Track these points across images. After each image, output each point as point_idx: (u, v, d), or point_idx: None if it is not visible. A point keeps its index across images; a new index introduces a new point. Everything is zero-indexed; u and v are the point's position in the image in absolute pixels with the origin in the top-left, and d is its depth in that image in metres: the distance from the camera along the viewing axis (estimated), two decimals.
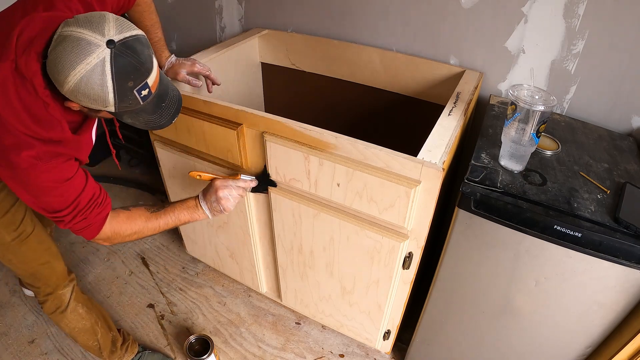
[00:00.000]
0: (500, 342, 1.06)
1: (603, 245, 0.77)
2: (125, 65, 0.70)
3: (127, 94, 0.72)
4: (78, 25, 0.68)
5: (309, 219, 1.14)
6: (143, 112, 0.79)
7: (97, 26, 0.69)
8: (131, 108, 0.76)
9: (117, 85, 0.70)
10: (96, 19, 0.70)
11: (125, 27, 0.71)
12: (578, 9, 1.09)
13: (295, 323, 1.55)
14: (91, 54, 0.67)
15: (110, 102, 0.71)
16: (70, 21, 0.69)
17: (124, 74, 0.70)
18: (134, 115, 0.79)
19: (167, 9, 1.91)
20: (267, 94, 1.80)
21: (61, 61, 0.67)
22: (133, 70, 0.71)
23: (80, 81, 0.68)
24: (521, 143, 0.88)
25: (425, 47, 1.37)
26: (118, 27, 0.70)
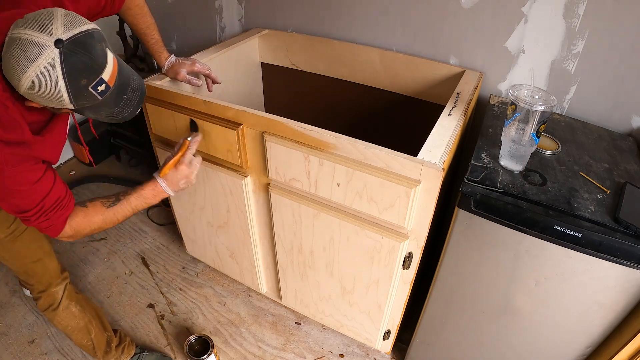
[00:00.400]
0: (500, 342, 1.06)
1: (603, 245, 0.77)
2: (76, 63, 0.69)
3: (81, 92, 0.71)
4: (26, 27, 0.67)
5: (309, 219, 1.14)
6: (104, 106, 0.78)
7: (44, 25, 0.68)
8: (89, 104, 0.75)
9: (70, 84, 0.69)
10: (44, 18, 0.68)
11: (74, 23, 0.70)
12: (578, 9, 1.09)
13: (295, 323, 1.55)
14: (39, 56, 0.66)
15: (66, 101, 0.71)
16: (19, 22, 0.69)
17: (76, 72, 0.69)
18: (95, 109, 0.78)
19: (167, 9, 1.91)
20: (267, 94, 1.80)
21: (13, 65, 0.67)
22: (85, 67, 0.70)
23: (32, 84, 0.68)
24: (521, 143, 0.88)
25: (425, 47, 1.37)
26: (67, 25, 0.69)
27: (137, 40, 1.88)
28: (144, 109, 1.27)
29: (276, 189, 1.15)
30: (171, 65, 1.25)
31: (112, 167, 2.34)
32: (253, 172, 1.19)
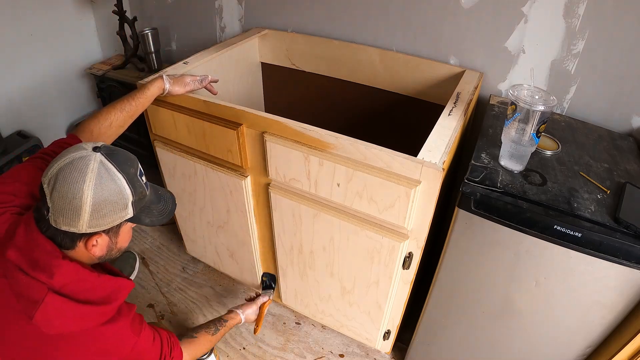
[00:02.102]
0: (501, 342, 1.06)
1: (603, 245, 0.77)
2: (119, 156, 0.75)
3: (134, 181, 0.76)
4: (59, 158, 0.73)
5: (309, 219, 1.14)
6: (151, 203, 0.83)
7: (75, 149, 0.74)
8: (142, 201, 0.79)
9: (124, 174, 0.74)
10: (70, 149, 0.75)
11: (95, 143, 0.77)
12: (578, 9, 1.09)
13: (295, 323, 1.55)
14: (89, 163, 0.71)
15: (129, 197, 0.75)
16: (48, 166, 0.73)
17: (123, 163, 0.75)
18: (148, 211, 0.82)
19: (167, 8, 1.91)
20: (267, 94, 1.80)
21: (67, 189, 0.69)
22: (127, 158, 0.77)
23: (95, 190, 0.70)
24: (521, 143, 0.88)
25: (425, 47, 1.37)
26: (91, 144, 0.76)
27: (138, 40, 1.88)
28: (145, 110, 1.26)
29: (276, 189, 1.15)
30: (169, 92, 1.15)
31: None
32: (253, 172, 1.19)
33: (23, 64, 1.94)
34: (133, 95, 1.09)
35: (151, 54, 1.86)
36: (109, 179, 0.72)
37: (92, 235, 0.75)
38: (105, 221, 0.74)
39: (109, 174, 0.72)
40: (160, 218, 0.85)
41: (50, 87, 2.10)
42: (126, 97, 1.08)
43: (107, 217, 0.73)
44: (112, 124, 1.04)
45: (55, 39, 2.03)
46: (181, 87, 1.15)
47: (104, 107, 1.06)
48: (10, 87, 1.92)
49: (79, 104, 2.29)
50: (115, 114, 1.05)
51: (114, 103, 1.07)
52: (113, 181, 0.73)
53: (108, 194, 0.72)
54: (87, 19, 2.16)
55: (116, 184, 0.73)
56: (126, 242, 0.85)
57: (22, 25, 1.88)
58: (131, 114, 1.08)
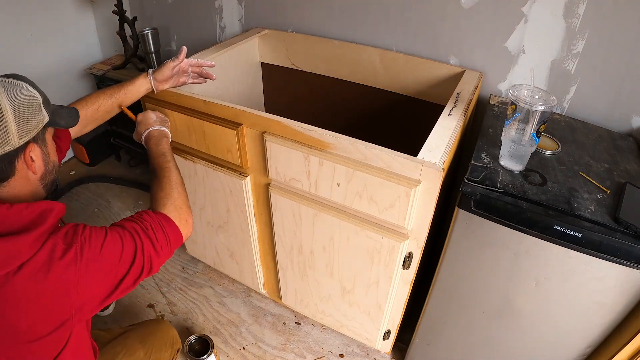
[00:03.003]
0: (500, 342, 1.06)
1: (603, 245, 0.77)
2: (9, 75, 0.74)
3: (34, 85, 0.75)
4: None
5: (309, 219, 1.14)
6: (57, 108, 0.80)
7: None
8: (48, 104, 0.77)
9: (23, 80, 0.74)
10: None
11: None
12: (578, 9, 1.09)
13: (295, 323, 1.55)
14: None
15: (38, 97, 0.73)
16: None
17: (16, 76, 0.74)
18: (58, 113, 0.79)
19: (167, 8, 1.91)
20: (267, 94, 1.80)
21: None
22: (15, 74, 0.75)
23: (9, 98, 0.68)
24: (521, 143, 0.88)
25: (425, 47, 1.37)
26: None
27: (138, 40, 1.89)
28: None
29: (276, 189, 1.15)
30: (156, 83, 1.12)
31: (112, 167, 2.34)
32: (253, 172, 1.19)
33: (23, 64, 1.94)
34: (123, 83, 1.10)
35: (151, 54, 1.86)
36: (14, 86, 0.71)
37: (26, 149, 0.71)
38: (30, 126, 0.71)
39: (11, 83, 0.71)
40: (70, 120, 0.82)
41: (50, 87, 2.07)
42: (117, 84, 1.09)
43: (31, 122, 0.71)
44: (100, 108, 1.04)
45: (55, 39, 2.03)
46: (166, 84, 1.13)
47: (93, 92, 1.06)
48: None
49: None
50: (104, 98, 1.05)
51: (104, 89, 1.07)
52: (18, 87, 0.72)
53: (21, 97, 0.70)
54: (87, 19, 2.16)
55: (22, 87, 0.72)
56: (55, 154, 0.81)
57: (22, 25, 1.88)
58: (119, 102, 1.08)
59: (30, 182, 0.75)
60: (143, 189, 2.17)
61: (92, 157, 2.31)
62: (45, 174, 0.78)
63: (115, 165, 2.37)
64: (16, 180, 0.72)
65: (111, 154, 2.40)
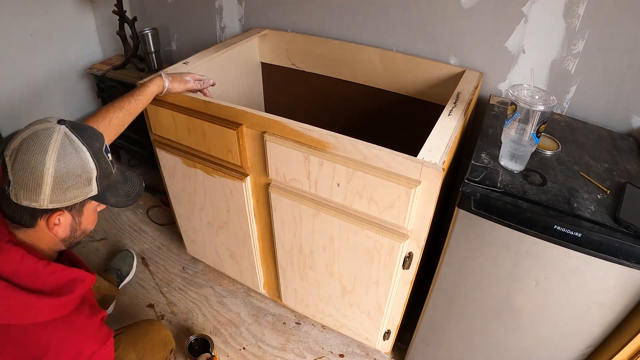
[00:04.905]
0: (500, 342, 1.06)
1: (603, 245, 0.77)
2: (84, 131, 0.72)
3: (100, 156, 0.73)
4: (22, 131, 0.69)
5: (309, 219, 1.13)
6: (117, 183, 0.79)
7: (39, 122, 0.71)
8: (107, 179, 0.75)
9: (89, 147, 0.71)
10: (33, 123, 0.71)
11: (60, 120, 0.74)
12: (578, 9, 1.09)
13: (295, 323, 1.55)
14: (53, 134, 0.68)
15: (93, 171, 0.72)
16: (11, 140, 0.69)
17: (89, 136, 0.72)
18: (114, 190, 0.78)
19: (167, 8, 1.91)
20: (267, 94, 1.80)
21: (29, 160, 0.66)
22: (92, 132, 0.74)
23: (57, 161, 0.67)
24: (521, 143, 0.88)
25: (425, 47, 1.37)
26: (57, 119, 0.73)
27: (138, 40, 1.88)
28: (144, 110, 1.27)
29: (276, 189, 1.15)
30: (168, 90, 1.15)
31: None
32: (253, 172, 1.19)
33: (23, 64, 1.94)
34: (133, 93, 1.08)
35: (151, 54, 1.86)
36: (72, 151, 0.69)
37: (54, 212, 0.70)
38: (67, 196, 0.70)
39: (72, 146, 0.69)
40: (126, 199, 0.81)
41: (50, 87, 2.10)
42: (126, 95, 1.08)
43: (70, 192, 0.69)
44: (112, 122, 1.03)
45: (55, 39, 2.03)
46: (180, 85, 1.14)
47: (103, 106, 1.05)
48: (11, 87, 1.93)
49: (79, 104, 2.29)
50: (115, 112, 1.04)
51: (113, 102, 1.06)
52: (77, 153, 0.69)
53: (71, 166, 0.68)
54: (87, 19, 2.16)
55: (80, 156, 0.70)
56: (91, 224, 0.80)
57: (23, 25, 1.88)
58: (131, 112, 1.07)
59: (50, 237, 0.75)
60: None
61: None
62: (68, 238, 0.77)
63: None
64: (36, 232, 0.72)
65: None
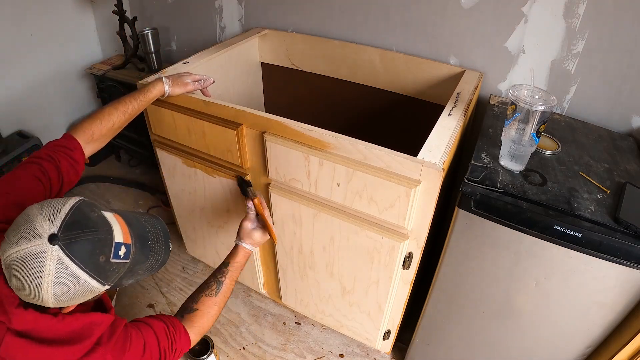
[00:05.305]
0: (500, 342, 1.06)
1: (603, 245, 0.77)
2: (82, 247, 0.62)
3: (106, 269, 0.65)
4: (12, 245, 0.61)
5: (309, 219, 1.13)
6: (136, 265, 0.73)
7: (28, 233, 0.61)
8: (122, 273, 0.70)
9: (91, 270, 0.63)
10: (22, 226, 0.62)
11: (54, 210, 0.63)
12: (578, 9, 1.09)
13: (295, 323, 1.55)
14: (44, 263, 0.60)
15: (97, 287, 0.65)
16: (3, 244, 0.62)
17: (88, 255, 0.63)
18: (131, 273, 0.73)
19: (167, 8, 1.91)
20: (267, 94, 1.80)
21: (25, 289, 0.61)
22: (94, 245, 0.64)
23: (55, 292, 0.61)
24: (521, 143, 0.88)
25: (425, 47, 1.37)
26: (48, 217, 0.62)
27: (138, 40, 1.89)
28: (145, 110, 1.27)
29: (276, 189, 1.15)
30: (169, 94, 1.15)
31: (112, 167, 2.34)
32: (253, 172, 1.19)
33: (23, 64, 1.94)
34: (135, 96, 1.08)
35: (151, 54, 1.86)
36: (70, 281, 0.62)
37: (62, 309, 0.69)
38: (74, 303, 0.67)
39: (70, 275, 0.61)
40: (145, 274, 0.77)
41: (50, 87, 2.10)
42: (127, 98, 1.07)
43: (76, 301, 0.66)
44: (115, 125, 1.03)
45: (55, 39, 2.03)
46: (181, 89, 1.14)
47: (105, 107, 1.04)
48: (11, 87, 1.92)
49: (79, 104, 2.29)
50: (119, 116, 1.03)
51: (115, 104, 1.05)
52: (77, 283, 0.63)
53: (71, 294, 0.63)
54: (87, 19, 2.16)
55: (80, 285, 0.63)
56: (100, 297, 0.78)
57: (23, 25, 1.88)
58: (131, 115, 1.07)
59: None
60: (143, 189, 2.17)
61: (92, 157, 2.29)
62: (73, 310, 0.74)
63: (115, 165, 2.37)
64: None
65: (111, 154, 2.40)
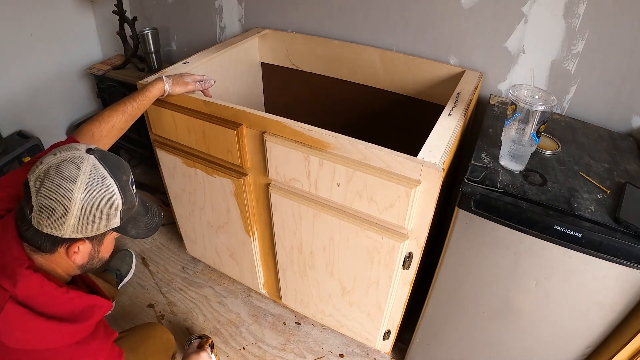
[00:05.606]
0: (500, 342, 1.06)
1: (603, 245, 0.77)
2: (112, 161, 0.72)
3: (126, 189, 0.73)
4: (51, 156, 0.68)
5: (309, 219, 1.13)
6: (138, 215, 0.79)
7: (68, 148, 0.70)
8: (130, 211, 0.75)
9: (117, 180, 0.71)
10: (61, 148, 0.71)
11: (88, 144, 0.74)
12: (578, 9, 1.09)
13: (295, 323, 1.55)
14: (82, 164, 0.68)
15: (119, 204, 0.71)
16: (37, 163, 0.68)
17: (116, 168, 0.72)
18: (134, 222, 0.78)
19: (167, 8, 1.91)
20: (267, 94, 1.80)
21: (56, 189, 0.65)
22: (120, 164, 0.74)
23: (85, 193, 0.67)
24: (521, 143, 0.88)
25: (425, 47, 1.37)
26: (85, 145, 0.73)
27: (138, 40, 1.88)
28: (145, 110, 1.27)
29: (276, 189, 1.15)
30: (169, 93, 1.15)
31: None
32: (253, 172, 1.19)
33: (23, 64, 1.94)
34: (135, 97, 1.08)
35: (151, 54, 1.86)
36: (100, 183, 0.68)
37: (76, 241, 0.71)
38: (91, 228, 0.70)
39: (100, 178, 0.69)
40: (145, 231, 0.81)
41: (50, 87, 2.10)
42: (128, 99, 1.07)
43: (94, 224, 0.70)
44: (115, 126, 1.03)
45: (55, 39, 2.03)
46: (181, 88, 1.14)
47: (105, 109, 1.05)
48: (10, 87, 1.92)
49: (79, 104, 2.29)
50: (118, 116, 1.04)
51: (115, 105, 1.05)
52: (105, 186, 0.69)
53: (99, 199, 0.68)
54: (87, 19, 2.16)
55: (108, 189, 0.69)
56: (108, 252, 0.80)
57: (23, 25, 1.88)
58: (133, 116, 1.07)
59: (68, 263, 0.75)
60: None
61: None
62: (85, 265, 0.77)
63: None
64: (54, 257, 0.72)
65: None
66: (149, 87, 1.10)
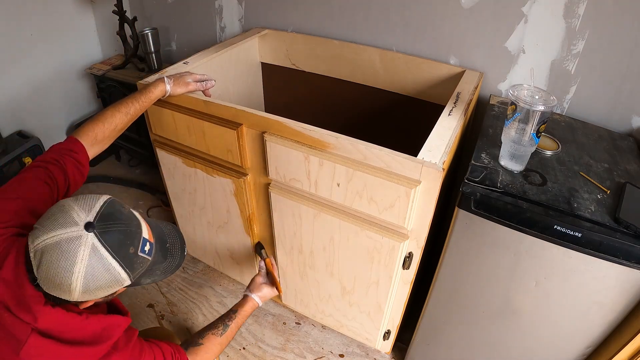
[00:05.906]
0: (500, 342, 1.06)
1: (603, 245, 0.77)
2: (116, 237, 0.66)
3: (133, 261, 0.69)
4: (46, 232, 0.63)
5: (309, 219, 1.14)
6: (156, 264, 0.76)
7: (65, 220, 0.64)
8: (144, 270, 0.73)
9: (121, 259, 0.66)
10: (58, 215, 0.65)
11: (90, 203, 0.67)
12: (578, 9, 1.09)
13: (295, 323, 1.55)
14: (79, 249, 0.63)
15: (125, 277, 0.68)
16: (35, 232, 0.64)
17: (120, 244, 0.66)
18: (150, 272, 0.76)
19: (167, 8, 1.91)
20: (267, 94, 1.80)
21: (55, 273, 0.63)
22: (125, 237, 0.68)
23: (86, 279, 0.64)
24: (521, 143, 0.88)
25: (425, 47, 1.37)
26: (85, 208, 0.66)
27: (138, 40, 1.89)
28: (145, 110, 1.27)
29: (276, 189, 1.15)
30: (170, 94, 1.15)
31: (112, 167, 2.34)
32: (253, 172, 1.19)
33: (23, 64, 1.94)
34: (137, 98, 1.07)
35: (151, 54, 1.86)
36: (101, 268, 0.64)
37: (83, 303, 0.71)
38: (98, 295, 0.69)
39: (102, 262, 0.64)
40: (162, 276, 0.80)
41: (50, 87, 2.10)
42: (129, 99, 1.06)
43: (101, 293, 0.68)
44: (117, 127, 1.03)
45: (55, 39, 2.03)
46: (182, 88, 1.14)
47: (107, 109, 1.04)
48: (11, 87, 1.93)
49: (79, 104, 2.29)
50: (120, 117, 1.03)
51: (117, 105, 1.04)
52: (107, 271, 0.65)
53: (101, 282, 0.66)
54: (87, 19, 2.16)
55: (110, 273, 0.66)
56: None
57: (23, 25, 1.88)
58: (134, 117, 1.07)
59: None
60: (143, 189, 2.17)
61: None
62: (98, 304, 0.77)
63: (115, 165, 2.37)
64: None
65: (111, 154, 2.40)
66: (150, 88, 1.10)
